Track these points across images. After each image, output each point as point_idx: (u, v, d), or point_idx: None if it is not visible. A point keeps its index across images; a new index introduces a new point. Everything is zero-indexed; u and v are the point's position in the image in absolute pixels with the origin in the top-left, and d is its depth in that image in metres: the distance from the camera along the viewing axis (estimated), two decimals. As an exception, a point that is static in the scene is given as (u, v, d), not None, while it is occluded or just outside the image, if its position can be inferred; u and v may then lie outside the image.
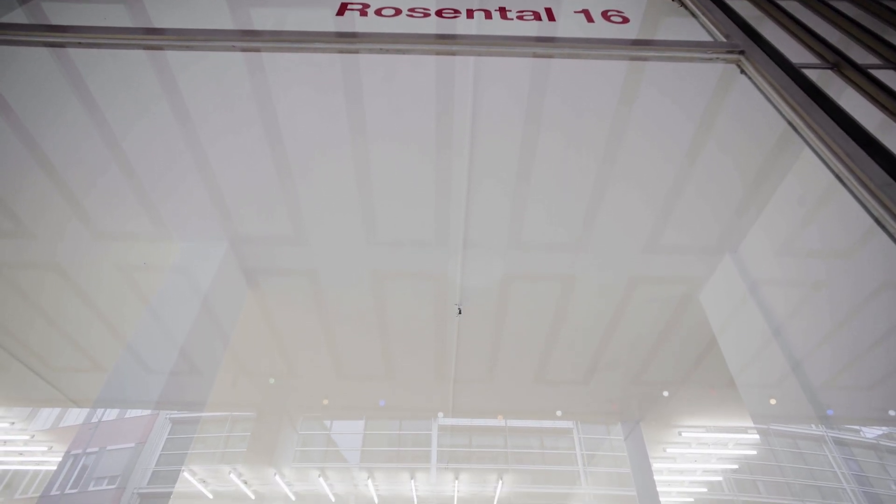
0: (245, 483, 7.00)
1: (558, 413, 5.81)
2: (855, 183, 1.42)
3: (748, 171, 3.09)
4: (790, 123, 1.69)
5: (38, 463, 7.68)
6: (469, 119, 2.95)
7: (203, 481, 7.33)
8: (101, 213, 3.51)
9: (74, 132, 3.06)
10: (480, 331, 4.46)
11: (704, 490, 7.34)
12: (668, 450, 6.52)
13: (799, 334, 3.70)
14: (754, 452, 6.84)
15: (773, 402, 3.97)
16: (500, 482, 7.57)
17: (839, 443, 7.08)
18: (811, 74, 1.76)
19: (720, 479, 7.39)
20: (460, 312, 4.14)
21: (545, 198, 3.33)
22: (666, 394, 5.35)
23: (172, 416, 8.61)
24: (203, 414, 8.24)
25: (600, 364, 4.89)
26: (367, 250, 3.69)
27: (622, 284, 3.98)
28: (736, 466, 7.27)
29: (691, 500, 7.28)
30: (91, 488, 8.58)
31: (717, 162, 3.07)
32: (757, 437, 6.31)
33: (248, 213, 3.49)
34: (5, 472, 8.13)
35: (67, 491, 8.66)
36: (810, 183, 2.92)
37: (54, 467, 7.84)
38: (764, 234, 3.50)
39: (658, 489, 5.31)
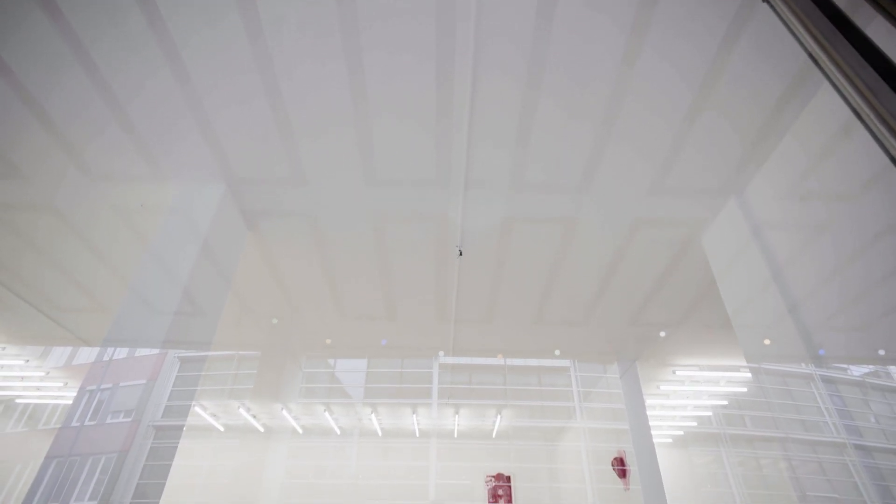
0: (254, 417, 7.30)
1: (557, 352, 5.94)
2: (874, 119, 1.35)
3: (762, 111, 2.97)
4: (811, 55, 1.59)
5: (55, 397, 7.99)
6: (471, 55, 2.81)
7: (214, 415, 7.65)
8: (96, 155, 3.42)
9: (66, 75, 2.93)
10: (481, 272, 4.48)
11: (694, 424, 7.67)
12: (662, 387, 6.74)
13: (798, 277, 3.71)
14: (745, 390, 7.08)
15: (767, 342, 4.05)
16: (499, 416, 7.89)
17: (827, 381, 7.31)
18: (838, 1, 1.63)
19: (710, 414, 7.71)
20: (461, 254, 4.13)
21: (549, 137, 3.22)
22: (663, 334, 5.45)
23: (180, 354, 8.87)
24: (210, 353, 8.47)
25: (599, 305, 4.95)
26: (367, 191, 3.63)
27: (624, 227, 3.94)
28: (726, 402, 7.55)
29: (681, 432, 7.63)
30: (109, 421, 9.00)
31: (731, 100, 2.94)
32: (749, 375, 6.50)
33: (246, 155, 3.40)
34: (27, 405, 8.49)
35: (87, 423, 9.08)
36: (826, 121, 2.82)
37: (70, 402, 8.17)
38: (771, 176, 3.42)
39: (650, 423, 5.53)
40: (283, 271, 4.62)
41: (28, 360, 6.67)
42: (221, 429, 7.65)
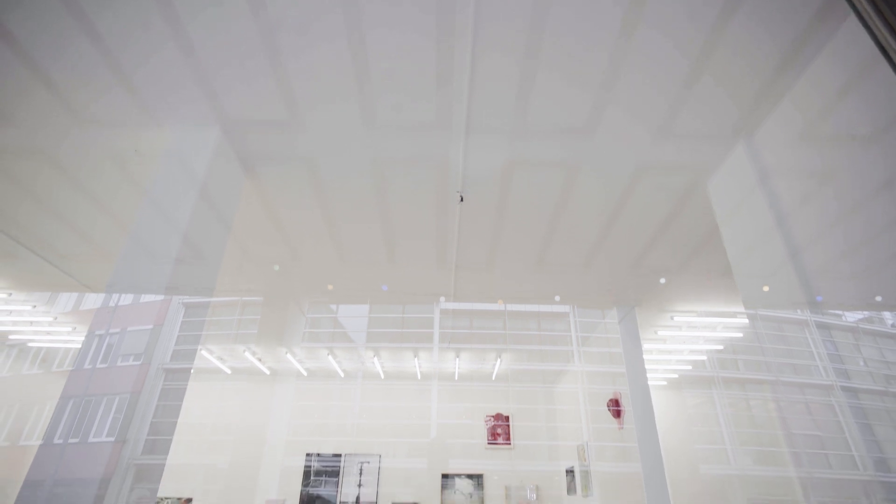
0: (259, 360, 7.49)
1: (557, 298, 6.01)
2: (900, 55, 1.27)
3: (779, 48, 2.83)
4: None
5: (65, 341, 8.19)
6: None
7: (220, 359, 7.87)
8: (88, 100, 3.31)
9: (56, 20, 2.78)
10: (482, 218, 4.45)
11: (689, 368, 7.89)
12: (660, 332, 6.87)
13: (802, 223, 3.68)
14: (740, 335, 7.21)
15: (765, 289, 4.07)
16: (499, 360, 8.10)
17: (821, 326, 7.44)
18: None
19: (704, 358, 7.90)
20: (462, 199, 4.09)
21: (552, 79, 3.10)
22: (663, 281, 5.48)
23: (185, 300, 9.00)
24: (213, 299, 8.59)
25: (601, 251, 4.95)
26: (366, 135, 3.54)
27: (628, 172, 3.87)
28: (721, 347, 7.72)
29: (675, 375, 7.86)
30: (119, 364, 9.26)
31: (746, 37, 2.80)
32: (745, 321, 6.61)
33: (240, 98, 3.29)
34: (39, 349, 8.71)
35: (98, 365, 9.35)
36: (847, 59, 2.70)
37: (80, 345, 8.38)
38: (784, 118, 3.32)
39: (646, 367, 5.68)
40: (282, 217, 4.59)
41: (35, 306, 6.79)
42: (228, 371, 7.88)
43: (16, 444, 8.30)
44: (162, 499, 6.96)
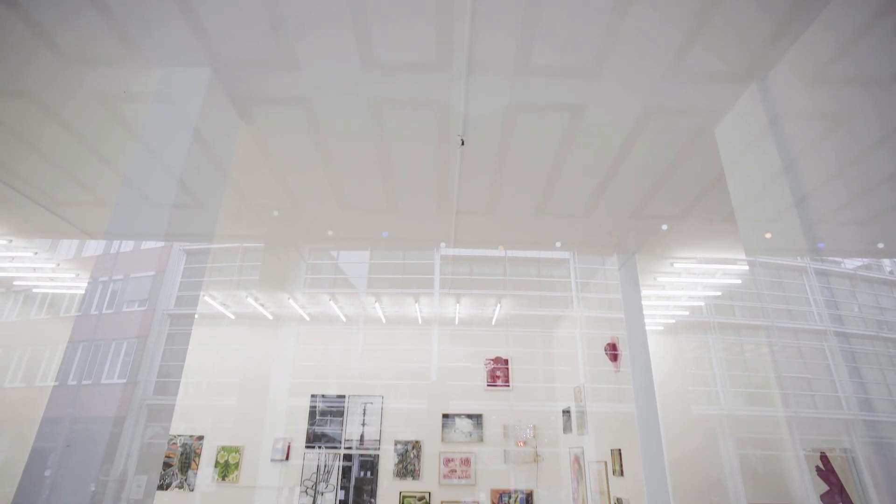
0: (262, 306, 7.61)
1: (557, 244, 6.01)
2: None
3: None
4: None
5: (69, 287, 8.29)
6: None
7: (223, 304, 7.99)
8: (73, 39, 3.16)
9: None
10: (483, 162, 4.37)
11: (686, 313, 8.01)
12: (659, 278, 6.93)
13: (809, 169, 3.62)
14: (739, 281, 7.27)
15: (768, 235, 4.06)
16: (499, 305, 8.22)
17: (820, 273, 7.49)
18: None
19: (702, 304, 8.01)
20: (463, 143, 4.00)
21: (557, 17, 2.94)
22: (665, 227, 5.46)
23: (186, 247, 9.03)
24: (214, 245, 8.62)
25: (603, 197, 4.90)
26: (364, 76, 3.41)
27: (635, 115, 3.76)
28: (719, 293, 7.81)
29: (672, 321, 7.99)
30: (125, 309, 9.43)
31: (765, -34, 2.63)
32: (745, 268, 6.64)
33: (231, 36, 3.14)
34: (45, 295, 8.84)
35: (104, 311, 9.53)
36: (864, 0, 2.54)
37: (83, 291, 8.49)
38: (799, 58, 3.18)
39: (644, 312, 5.76)
40: (280, 162, 4.51)
41: (37, 253, 6.81)
42: (232, 317, 8.02)
43: (32, 385, 8.59)
44: (175, 436, 7.28)
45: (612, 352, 6.37)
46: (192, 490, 6.92)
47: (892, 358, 6.69)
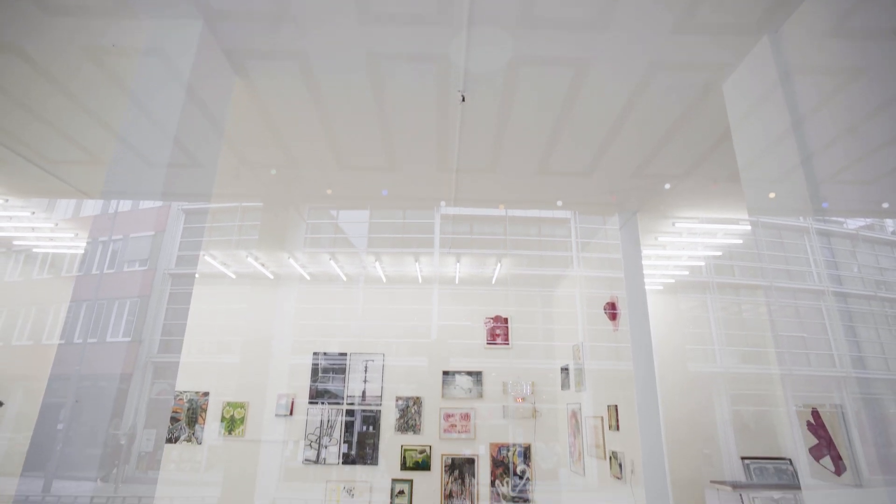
0: (262, 265, 7.62)
1: (559, 203, 5.96)
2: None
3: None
4: None
5: (69, 247, 8.29)
6: None
7: (224, 264, 8.00)
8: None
9: None
10: (484, 119, 4.27)
11: (686, 273, 8.04)
12: (660, 238, 6.91)
13: (818, 127, 3.53)
14: (740, 242, 7.26)
15: (772, 195, 4.02)
16: (499, 265, 8.24)
17: (821, 234, 7.46)
18: None
19: (702, 264, 8.03)
20: (464, 100, 3.89)
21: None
22: (668, 186, 5.40)
23: (184, 207, 8.97)
24: (212, 205, 8.55)
25: (606, 156, 4.82)
26: (361, 28, 3.28)
27: (641, 70, 3.64)
28: (720, 253, 7.81)
29: (672, 280, 8.03)
30: (126, 269, 9.47)
31: None
32: (747, 228, 6.61)
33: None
34: (46, 254, 8.85)
35: (106, 271, 9.58)
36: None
37: (83, 251, 8.50)
38: (814, 11, 3.05)
39: (644, 272, 5.78)
40: (277, 120, 4.41)
41: (34, 213, 6.76)
42: (233, 276, 8.06)
43: (39, 342, 8.73)
44: (180, 392, 7.45)
45: (612, 311, 6.43)
46: (201, 443, 7.14)
47: (887, 317, 6.76)
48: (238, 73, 3.76)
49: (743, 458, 6.73)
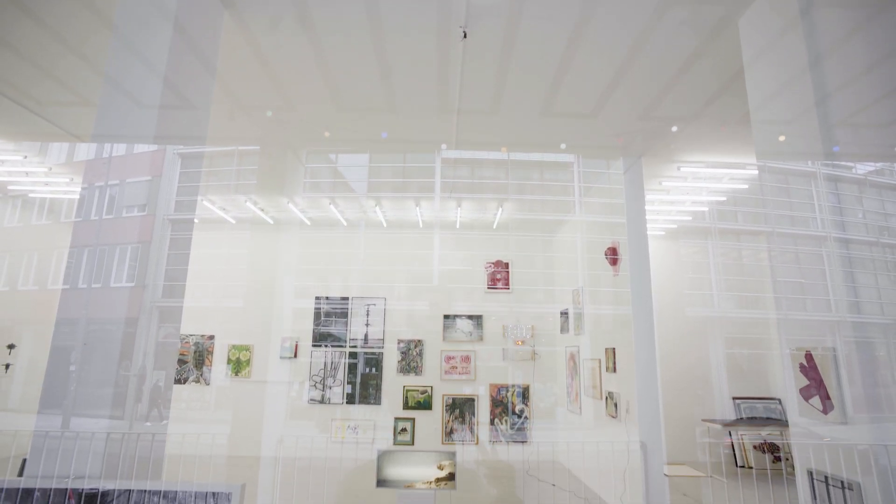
0: (262, 210, 7.57)
1: (562, 146, 5.82)
2: None
3: None
4: None
5: (65, 192, 8.20)
6: None
7: (223, 209, 7.94)
8: None
9: None
10: (486, 57, 4.08)
11: (689, 218, 7.99)
12: (664, 183, 6.80)
13: (837, 65, 3.39)
14: (745, 187, 7.16)
15: (781, 138, 3.92)
16: (500, 209, 8.17)
17: (829, 179, 7.35)
18: None
19: (706, 209, 7.96)
20: (465, 36, 3.70)
21: None
22: (675, 129, 5.25)
23: (180, 150, 8.79)
24: (208, 148, 8.38)
25: (612, 97, 4.65)
26: (355, -44, 3.06)
27: (653, 3, 3.44)
28: (724, 198, 7.73)
29: (674, 226, 8.00)
30: (125, 214, 9.41)
31: None
32: (753, 172, 6.49)
33: None
34: (42, 200, 8.78)
35: (105, 216, 9.52)
36: None
37: (78, 196, 8.41)
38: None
39: (647, 217, 5.73)
40: (270, 58, 4.22)
41: (27, 157, 6.64)
42: (233, 221, 8.03)
43: (44, 288, 8.83)
44: (186, 335, 7.61)
45: (612, 256, 6.43)
46: (209, 384, 7.38)
47: (887, 263, 6.78)
48: (227, 7, 3.56)
49: (734, 398, 6.97)
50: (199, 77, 3.84)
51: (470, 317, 7.97)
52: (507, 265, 8.21)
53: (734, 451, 6.37)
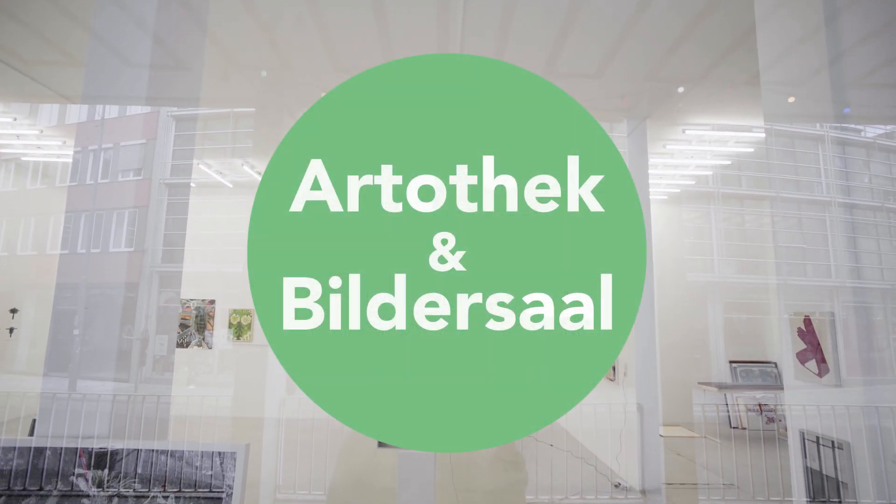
0: (259, 174, 7.46)
1: (565, 109, 5.69)
2: None
3: None
4: None
5: (58, 156, 8.08)
6: None
7: (220, 173, 7.83)
8: None
9: None
10: (488, 15, 3.92)
11: (692, 183, 7.89)
12: (668, 146, 6.68)
13: (855, 21, 3.25)
14: (751, 150, 7.04)
15: (791, 99, 3.82)
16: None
17: (837, 142, 7.21)
18: None
19: (710, 173, 7.85)
20: (467, -12, 3.55)
21: None
22: (681, 90, 5.11)
23: (173, 113, 8.60)
24: (202, 110, 8.19)
25: (618, 56, 4.50)
26: None
27: (665, -46, 3.28)
28: (729, 162, 7.61)
29: (677, 190, 7.90)
30: (120, 179, 9.30)
31: None
32: (760, 136, 6.37)
33: None
34: (37, 163, 8.65)
35: (100, 181, 9.41)
36: None
37: (71, 160, 8.29)
38: None
39: (650, 181, 5.65)
40: (262, 13, 4.05)
41: (16, 118, 6.48)
42: (230, 185, 7.92)
43: (43, 252, 8.82)
44: (187, 300, 7.63)
45: (613, 221, 6.38)
46: (211, 348, 7.45)
47: (890, 228, 6.73)
48: (216, -42, 3.39)
49: (731, 362, 7.05)
50: (190, 34, 3.70)
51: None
52: (507, 230, 8.17)
53: (729, 413, 6.49)
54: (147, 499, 1.67)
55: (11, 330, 7.26)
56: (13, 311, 7.37)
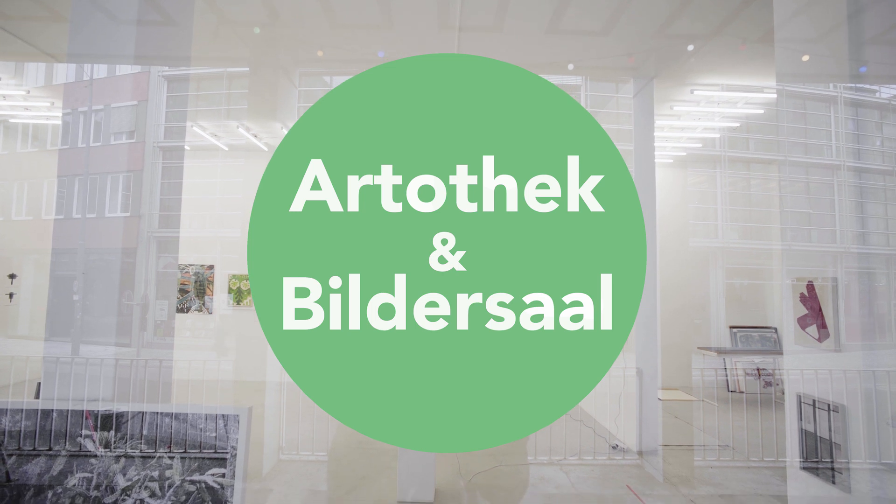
0: (255, 136, 7.29)
1: (570, 67, 5.49)
2: None
3: None
4: None
5: (47, 118, 7.87)
6: None
7: (214, 135, 7.66)
8: None
9: None
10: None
11: (699, 146, 7.72)
12: (675, 107, 6.49)
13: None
14: (761, 112, 6.84)
15: (805, 58, 3.67)
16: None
17: (850, 103, 7.01)
18: None
19: (717, 136, 7.68)
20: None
21: None
22: (691, 48, 4.91)
23: (165, 73, 8.34)
24: (194, 70, 7.94)
25: (626, 11, 4.29)
26: None
27: None
28: (737, 124, 7.42)
29: (683, 153, 7.75)
30: (113, 142, 9.11)
31: None
32: (771, 97, 6.17)
33: None
34: (26, 126, 8.45)
35: (92, 144, 9.23)
36: None
37: (60, 122, 8.09)
38: None
39: (655, 144, 5.51)
40: (252, -35, 3.84)
41: (1, 78, 6.27)
42: (225, 148, 7.76)
43: (38, 217, 8.73)
44: (185, 265, 7.60)
45: (618, 185, 6.27)
46: (211, 313, 7.47)
47: (898, 192, 6.64)
48: None
49: (731, 327, 7.07)
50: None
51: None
52: (508, 195, 8.06)
53: (727, 377, 6.56)
54: (153, 459, 1.72)
55: (11, 295, 7.26)
56: (12, 276, 7.35)
